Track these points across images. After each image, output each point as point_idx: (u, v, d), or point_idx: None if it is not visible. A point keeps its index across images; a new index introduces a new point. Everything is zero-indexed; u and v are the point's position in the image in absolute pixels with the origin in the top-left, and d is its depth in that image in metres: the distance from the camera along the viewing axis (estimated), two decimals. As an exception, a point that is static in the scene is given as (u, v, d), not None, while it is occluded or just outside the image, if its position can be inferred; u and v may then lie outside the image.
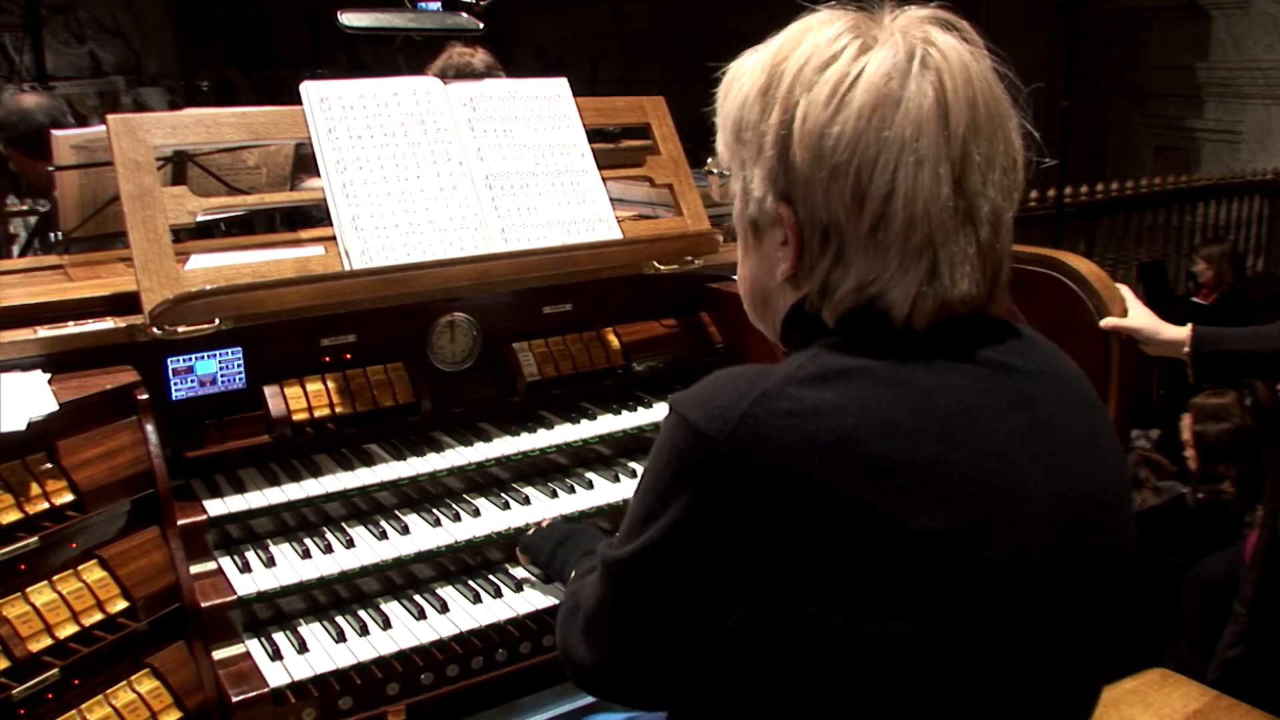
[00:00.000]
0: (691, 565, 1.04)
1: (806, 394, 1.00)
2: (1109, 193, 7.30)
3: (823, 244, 1.08)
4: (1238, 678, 2.84)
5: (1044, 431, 1.08)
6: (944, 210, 1.03)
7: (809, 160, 1.05)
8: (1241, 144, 8.69)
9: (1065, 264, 2.45)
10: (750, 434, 0.98)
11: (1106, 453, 1.15)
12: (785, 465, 0.97)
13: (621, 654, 1.17)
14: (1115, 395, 2.38)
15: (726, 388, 1.03)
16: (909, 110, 1.02)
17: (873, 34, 1.06)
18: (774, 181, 1.09)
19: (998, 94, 1.09)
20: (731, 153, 1.16)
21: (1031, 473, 1.05)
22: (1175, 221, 7.79)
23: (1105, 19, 9.87)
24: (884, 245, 1.04)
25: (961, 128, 1.04)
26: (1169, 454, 4.76)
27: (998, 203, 1.07)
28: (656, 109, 2.43)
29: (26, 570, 1.53)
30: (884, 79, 1.03)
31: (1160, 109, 9.67)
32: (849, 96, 1.03)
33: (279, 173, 3.13)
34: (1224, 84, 8.80)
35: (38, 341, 1.75)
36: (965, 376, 1.05)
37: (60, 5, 11.01)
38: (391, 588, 1.86)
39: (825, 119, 1.04)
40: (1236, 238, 7.85)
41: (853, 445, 0.97)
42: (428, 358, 2.15)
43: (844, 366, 1.03)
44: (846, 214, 1.05)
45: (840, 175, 1.04)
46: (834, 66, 1.05)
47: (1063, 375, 1.15)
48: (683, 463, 1.02)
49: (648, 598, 1.10)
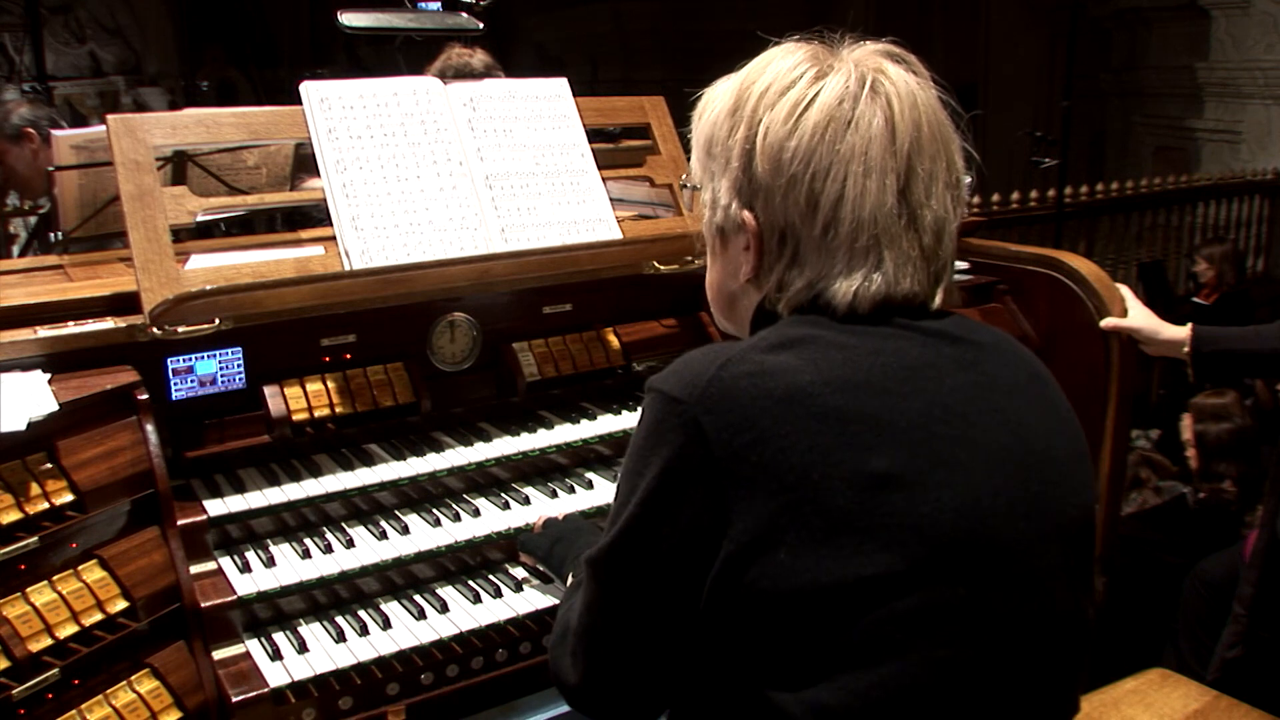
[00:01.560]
0: (670, 527, 1.10)
1: (766, 358, 1.11)
2: (1109, 193, 7.29)
3: (780, 246, 1.20)
4: (1237, 678, 2.84)
5: (990, 390, 1.17)
6: (889, 216, 1.15)
7: (769, 170, 1.17)
8: (1241, 144, 8.69)
9: (1065, 264, 2.45)
10: (717, 394, 1.08)
11: (1057, 415, 1.23)
12: (748, 419, 1.07)
13: (609, 662, 1.21)
14: (1115, 395, 2.38)
15: (696, 359, 1.13)
16: (859, 128, 1.15)
17: (829, 63, 1.19)
18: (739, 191, 1.22)
19: (942, 119, 1.21)
20: (703, 166, 1.28)
21: (978, 421, 1.14)
22: (1175, 221, 7.79)
23: (1105, 19, 9.87)
24: (834, 246, 1.16)
25: (907, 145, 1.16)
26: (1169, 454, 4.76)
27: (940, 213, 1.18)
28: (656, 109, 2.43)
29: (26, 570, 1.53)
30: (837, 101, 1.15)
31: (1160, 109, 9.67)
32: (805, 115, 1.16)
33: (279, 173, 3.13)
34: (1224, 84, 8.80)
35: (38, 341, 1.75)
36: (910, 342, 1.15)
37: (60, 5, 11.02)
38: (391, 588, 1.86)
39: (784, 134, 1.16)
40: (1236, 238, 7.85)
41: (807, 398, 1.07)
42: (428, 358, 2.15)
43: (799, 335, 1.14)
44: (801, 218, 1.17)
45: (796, 184, 1.16)
46: (793, 90, 1.17)
47: (1007, 349, 1.24)
48: (660, 430, 1.11)
49: (633, 577, 1.15)
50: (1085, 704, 2.10)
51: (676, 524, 1.10)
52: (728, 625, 1.10)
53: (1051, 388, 1.26)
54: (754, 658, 1.10)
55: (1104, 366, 2.38)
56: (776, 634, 1.08)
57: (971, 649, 1.10)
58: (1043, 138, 6.47)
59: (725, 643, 1.12)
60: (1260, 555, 2.83)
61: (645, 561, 1.13)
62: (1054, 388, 1.27)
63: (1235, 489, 3.87)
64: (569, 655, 1.27)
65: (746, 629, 1.09)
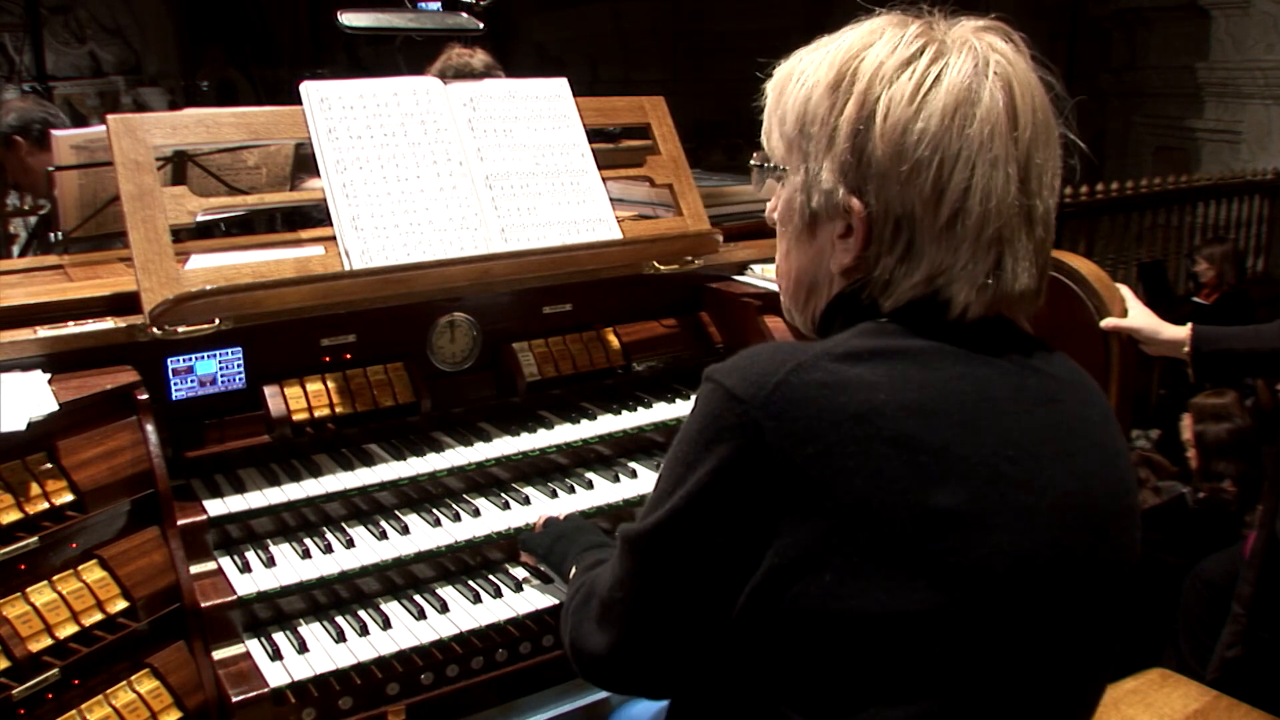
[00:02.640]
0: (715, 528, 1.06)
1: (840, 368, 1.04)
2: (1109, 193, 7.28)
3: (894, 236, 1.11)
4: (1237, 678, 2.84)
5: (1064, 431, 1.12)
6: (1012, 208, 1.09)
7: (890, 154, 1.09)
8: (1241, 144, 8.68)
9: (1065, 264, 2.45)
10: (784, 400, 1.02)
11: (1120, 465, 1.19)
12: (814, 432, 1.01)
13: (636, 636, 1.19)
14: (1115, 395, 2.38)
15: (764, 358, 1.07)
16: (986, 113, 1.08)
17: (944, 39, 1.11)
18: (845, 174, 1.12)
19: (1048, 103, 1.15)
20: (793, 146, 1.18)
21: (1048, 467, 1.09)
22: (1175, 221, 7.78)
23: (1105, 19, 9.87)
24: (958, 239, 1.09)
25: (1028, 133, 1.10)
26: (1169, 454, 4.76)
27: (1049, 203, 1.13)
28: (656, 109, 2.43)
29: (26, 570, 1.53)
30: (965, 82, 1.08)
31: (1160, 109, 9.66)
32: (931, 95, 1.08)
33: (279, 173, 3.13)
34: (1224, 84, 8.79)
35: (38, 341, 1.75)
36: (994, 370, 1.10)
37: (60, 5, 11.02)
38: (391, 588, 1.86)
39: (909, 115, 1.08)
40: (1236, 238, 7.85)
41: (879, 419, 1.02)
42: (428, 358, 2.15)
43: (879, 347, 1.08)
44: (924, 207, 1.09)
45: (922, 170, 1.08)
46: (915, 66, 1.09)
47: (1085, 385, 1.20)
48: (717, 426, 1.05)
49: (669, 566, 1.12)
50: (1085, 704, 2.10)
51: (722, 526, 1.06)
52: (762, 638, 1.07)
53: (1116, 432, 1.21)
54: (783, 676, 1.07)
55: (1104, 366, 2.38)
56: (811, 656, 1.05)
57: (1001, 694, 1.07)
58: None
59: (756, 655, 1.09)
60: (1259, 555, 2.83)
61: (685, 553, 1.10)
62: (1118, 432, 1.22)
63: (1235, 489, 3.87)
64: (593, 622, 1.24)
65: (781, 645, 1.06)
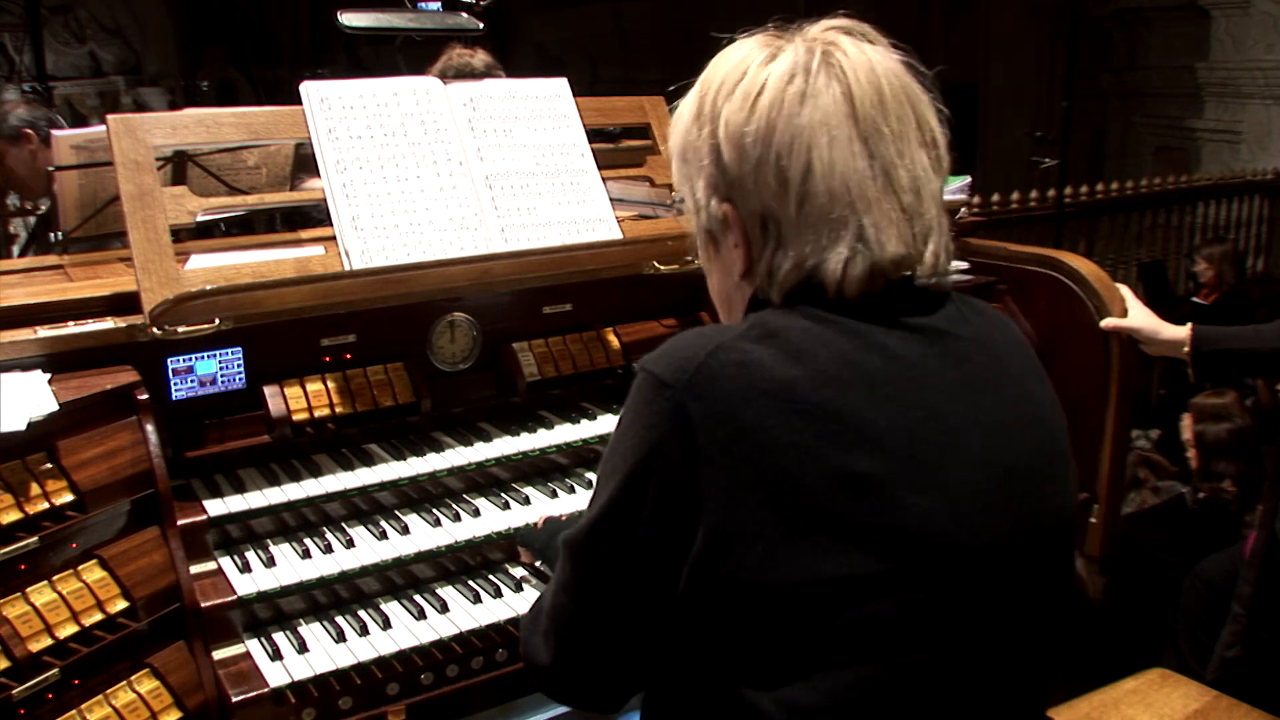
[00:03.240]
0: (650, 513, 1.11)
1: (753, 348, 1.10)
2: (1109, 193, 7.29)
3: (763, 233, 1.19)
4: (1237, 678, 2.83)
5: (976, 390, 1.16)
6: (862, 179, 1.14)
7: (736, 159, 1.18)
8: (1241, 144, 8.68)
9: (1065, 264, 2.45)
10: (705, 381, 1.08)
11: (1044, 413, 1.23)
12: (732, 410, 1.07)
13: (582, 641, 1.23)
14: (1115, 395, 2.38)
15: (687, 343, 1.14)
16: (817, 99, 1.15)
17: (779, 45, 1.20)
18: (714, 186, 1.22)
19: (906, 80, 1.20)
20: (681, 175, 1.29)
21: (961, 424, 1.13)
22: (1175, 221, 7.79)
23: (1105, 19, 9.86)
24: (812, 219, 1.15)
25: (867, 107, 1.15)
26: (1169, 454, 4.76)
27: (916, 172, 1.17)
28: (656, 109, 2.43)
29: (26, 570, 1.53)
30: (787, 77, 1.16)
31: (1160, 109, 9.66)
32: (759, 99, 1.16)
33: (279, 173, 3.13)
34: (1224, 84, 8.79)
35: (38, 341, 1.75)
36: (896, 338, 1.14)
37: (60, 5, 11.03)
38: (391, 588, 1.86)
39: (742, 120, 1.17)
40: (1236, 238, 7.85)
41: (790, 392, 1.07)
42: (428, 358, 2.15)
43: (785, 325, 1.13)
44: (775, 198, 1.16)
45: (763, 165, 1.16)
46: (745, 78, 1.19)
47: (998, 340, 1.23)
48: (648, 413, 1.11)
49: (609, 561, 1.16)
50: (1085, 704, 2.10)
51: (656, 508, 1.10)
52: (704, 617, 1.11)
53: (1038, 380, 1.25)
54: (729, 652, 1.11)
55: (1104, 366, 2.38)
56: (752, 628, 1.09)
57: (946, 652, 1.10)
58: (1043, 138, 6.47)
59: (702, 635, 1.13)
60: (1259, 555, 2.83)
61: (622, 543, 1.14)
62: (1040, 380, 1.26)
63: (1235, 489, 3.87)
64: (540, 635, 1.28)
65: (722, 622, 1.10)
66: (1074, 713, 2.08)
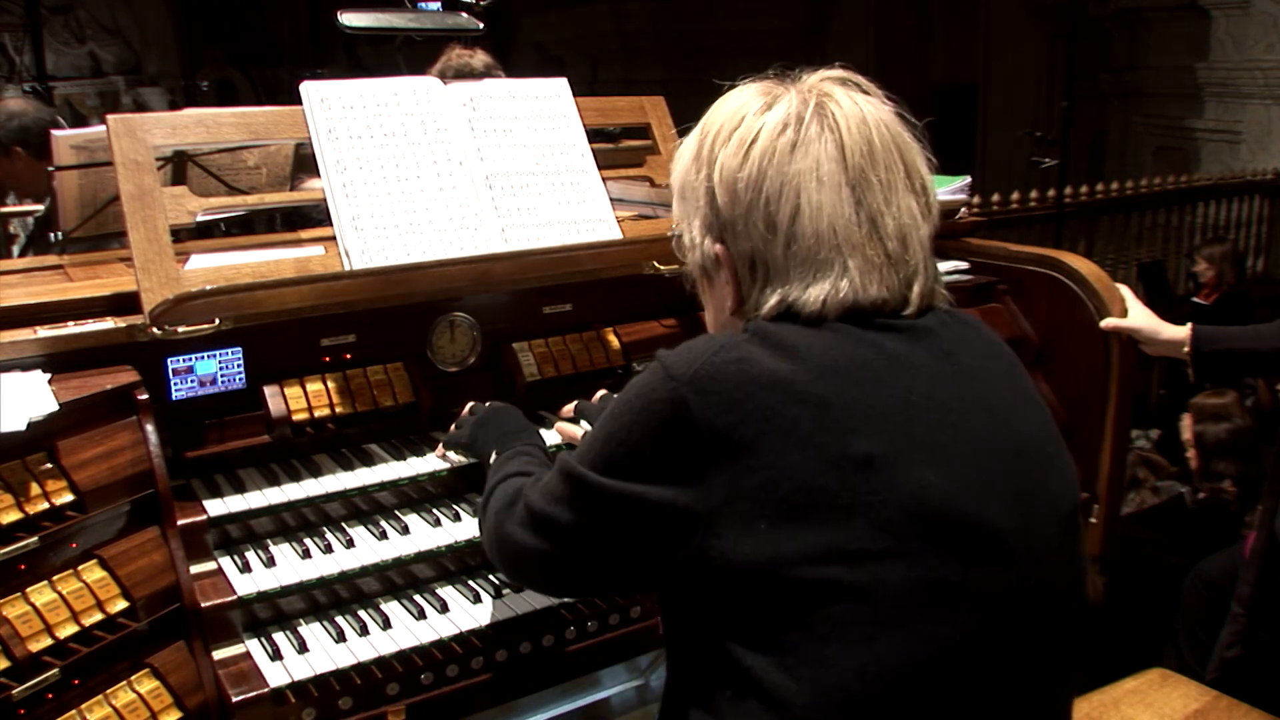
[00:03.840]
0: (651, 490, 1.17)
1: (754, 349, 1.17)
2: (1109, 193, 7.29)
3: (752, 273, 1.26)
4: (1236, 678, 2.84)
5: (968, 380, 1.22)
6: (849, 226, 1.21)
7: (728, 202, 1.26)
8: (1241, 144, 8.68)
9: (1065, 264, 2.45)
10: (706, 377, 1.15)
11: (1033, 402, 1.29)
12: (733, 400, 1.13)
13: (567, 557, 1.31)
14: (1115, 395, 2.38)
15: (699, 343, 1.21)
16: (808, 148, 1.21)
17: (776, 95, 1.27)
18: (709, 227, 1.30)
19: (896, 130, 1.27)
20: (680, 212, 1.37)
21: (958, 407, 1.19)
22: (1175, 221, 7.79)
23: (1105, 19, 9.86)
24: (798, 259, 1.21)
25: (858, 157, 1.22)
26: (1169, 454, 4.76)
27: (904, 220, 1.23)
28: (656, 109, 2.43)
29: (26, 570, 1.53)
30: (781, 127, 1.23)
31: (1160, 109, 9.66)
32: (753, 145, 1.24)
33: (279, 173, 3.13)
34: (1224, 84, 8.79)
35: (38, 341, 1.75)
36: (887, 338, 1.20)
37: (60, 5, 11.03)
38: (391, 588, 1.86)
39: (735, 166, 1.24)
40: (1236, 238, 7.85)
41: (789, 384, 1.14)
42: (428, 358, 2.15)
43: (778, 330, 1.20)
44: (764, 241, 1.23)
45: (753, 209, 1.23)
46: (741, 126, 1.26)
47: (977, 340, 1.29)
48: (651, 396, 1.19)
49: (604, 519, 1.23)
50: (1085, 704, 2.10)
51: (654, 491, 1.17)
52: (719, 599, 1.15)
53: (1023, 376, 1.31)
54: (749, 631, 1.14)
55: (1104, 366, 2.37)
56: (767, 606, 1.12)
57: (972, 626, 1.12)
58: (1043, 138, 6.47)
59: (718, 618, 1.16)
60: (1259, 555, 2.83)
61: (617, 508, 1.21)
62: (1025, 376, 1.32)
63: (1235, 489, 3.87)
64: (521, 526, 1.35)
65: (739, 601, 1.14)
66: (1074, 713, 2.08)
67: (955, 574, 1.11)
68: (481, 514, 1.54)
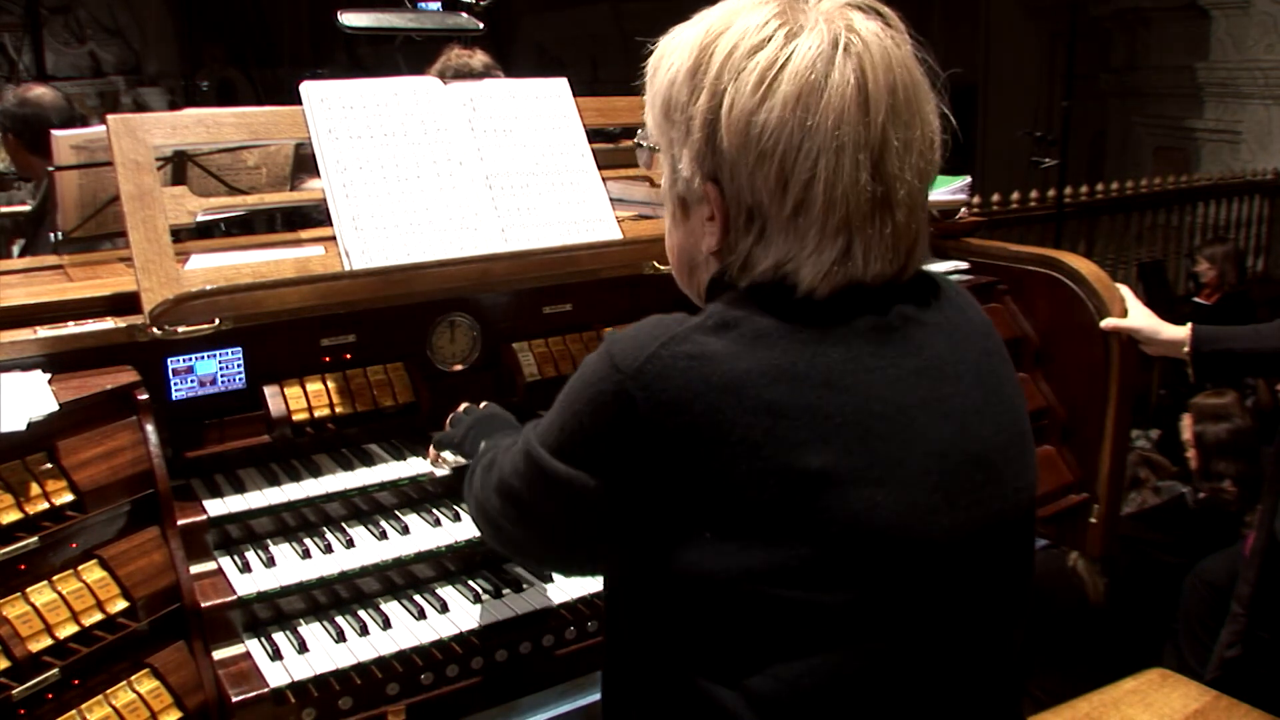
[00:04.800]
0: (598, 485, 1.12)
1: (707, 340, 1.08)
2: (1109, 193, 7.30)
3: (747, 224, 1.13)
4: (1236, 678, 2.84)
5: (937, 379, 1.14)
6: (861, 195, 1.09)
7: (736, 145, 1.10)
8: (1241, 144, 8.69)
9: (1065, 264, 2.45)
10: (653, 373, 1.07)
11: (1001, 396, 1.20)
12: (682, 403, 1.06)
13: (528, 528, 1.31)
14: (1115, 395, 2.38)
15: (647, 329, 1.11)
16: (831, 99, 1.07)
17: (799, 20, 1.10)
18: (701, 163, 1.14)
19: (917, 78, 1.14)
20: (660, 130, 1.21)
21: (919, 417, 1.11)
22: (1175, 221, 7.80)
23: (1105, 19, 9.87)
24: (804, 227, 1.10)
25: (881, 115, 1.09)
26: (1169, 454, 4.76)
27: (914, 185, 1.12)
28: (656, 109, 2.43)
29: (26, 570, 1.53)
30: (809, 68, 1.07)
31: (1160, 109, 9.67)
32: (775, 84, 1.08)
33: (279, 173, 3.13)
34: (1224, 84, 8.79)
35: (38, 341, 1.75)
36: (857, 329, 1.11)
37: (60, 5, 11.03)
38: (391, 588, 1.86)
39: (752, 106, 1.08)
40: (1236, 238, 7.85)
41: (742, 389, 1.05)
42: (428, 358, 2.15)
43: (743, 317, 1.10)
44: (770, 197, 1.10)
45: (766, 160, 1.09)
46: (762, 53, 1.09)
47: (961, 322, 1.20)
48: (597, 389, 1.11)
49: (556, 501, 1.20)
50: (1085, 704, 2.10)
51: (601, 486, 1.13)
52: (659, 607, 1.12)
53: (999, 363, 1.23)
54: (686, 643, 1.12)
55: (1104, 366, 2.37)
56: (707, 617, 1.09)
57: (904, 641, 1.10)
58: (1043, 138, 6.48)
59: (658, 627, 1.14)
60: (1259, 555, 2.83)
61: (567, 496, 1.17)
62: (1002, 363, 1.23)
63: (1235, 489, 3.87)
64: (495, 493, 1.33)
65: (677, 610, 1.11)
66: (1074, 713, 2.08)
67: (890, 593, 1.08)
68: (468, 482, 1.50)
